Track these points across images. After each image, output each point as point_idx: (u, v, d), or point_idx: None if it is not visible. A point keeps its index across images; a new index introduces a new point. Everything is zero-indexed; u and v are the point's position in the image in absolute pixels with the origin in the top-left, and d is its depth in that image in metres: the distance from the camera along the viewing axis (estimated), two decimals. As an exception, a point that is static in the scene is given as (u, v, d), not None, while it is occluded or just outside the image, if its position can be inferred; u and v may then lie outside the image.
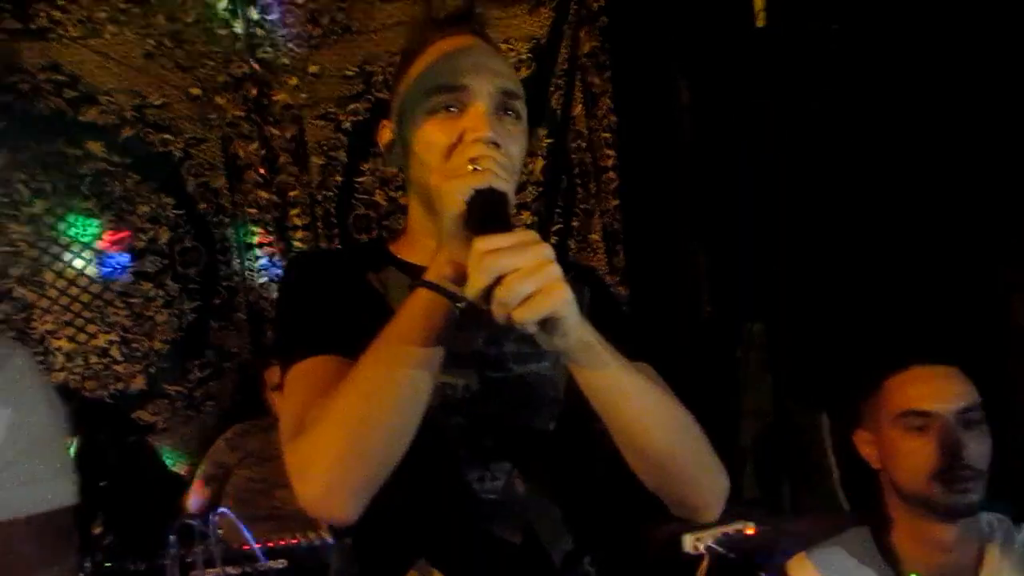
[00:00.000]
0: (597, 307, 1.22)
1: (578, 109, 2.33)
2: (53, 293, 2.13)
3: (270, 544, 1.76)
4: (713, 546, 2.02)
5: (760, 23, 2.18)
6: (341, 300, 1.08)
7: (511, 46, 2.26)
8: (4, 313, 2.09)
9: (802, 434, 2.12)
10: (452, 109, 1.05)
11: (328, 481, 0.92)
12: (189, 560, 1.67)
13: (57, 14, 2.07)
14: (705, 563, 2.04)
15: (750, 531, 2.03)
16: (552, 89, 2.30)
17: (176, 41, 2.13)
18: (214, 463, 2.28)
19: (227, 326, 2.23)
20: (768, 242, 2.11)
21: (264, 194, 2.21)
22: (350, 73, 2.22)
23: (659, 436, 0.99)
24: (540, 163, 2.33)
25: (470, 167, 0.94)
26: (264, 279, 2.25)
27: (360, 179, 2.26)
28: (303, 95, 2.20)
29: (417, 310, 0.94)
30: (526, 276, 0.82)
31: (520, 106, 1.10)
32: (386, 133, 1.17)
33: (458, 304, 0.88)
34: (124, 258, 2.15)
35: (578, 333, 0.91)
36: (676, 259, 2.23)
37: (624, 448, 1.00)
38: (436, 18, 1.16)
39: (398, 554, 1.07)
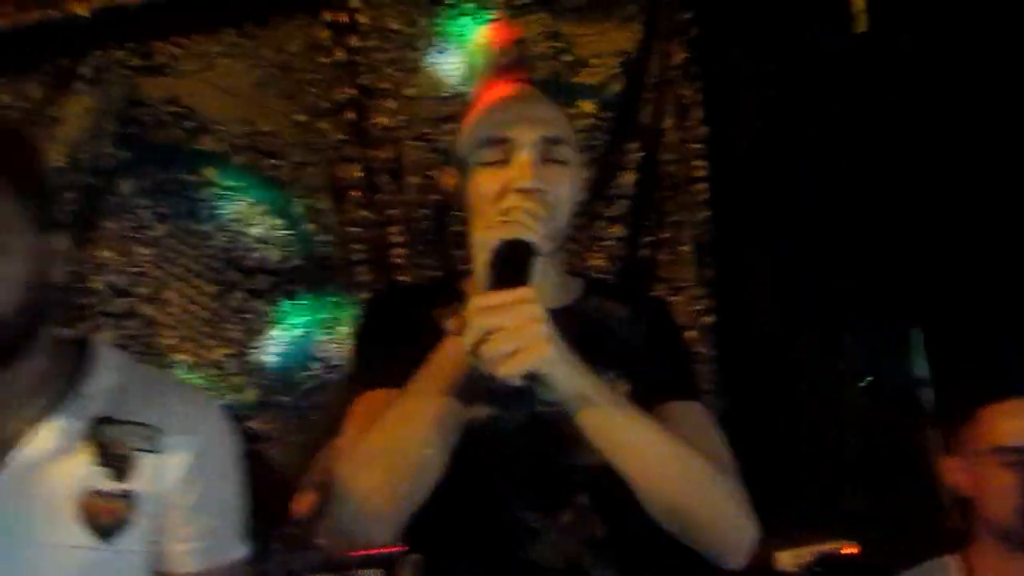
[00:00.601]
0: (652, 342, 1.25)
1: (668, 121, 2.33)
2: (175, 311, 2.29)
3: (366, 553, 1.84)
4: (811, 565, 1.99)
5: (861, 28, 2.13)
6: (407, 337, 1.16)
7: (601, 61, 2.29)
8: (132, 329, 2.26)
9: (908, 448, 2.06)
10: (498, 161, 1.11)
11: (364, 507, 0.99)
12: (290, 567, 1.77)
13: (175, 50, 2.22)
14: (801, 584, 2.01)
15: (850, 550, 1.99)
16: (642, 102, 2.31)
17: (282, 71, 2.25)
18: (323, 471, 2.40)
19: (333, 340, 2.34)
20: (873, 251, 2.06)
21: (364, 214, 2.31)
22: (445, 95, 2.30)
23: (665, 487, 1.01)
24: (631, 176, 2.34)
25: (501, 219, 1.00)
26: (366, 295, 2.34)
27: (455, 196, 2.33)
28: (401, 117, 2.29)
29: (444, 355, 1.02)
30: (509, 335, 0.88)
31: (565, 150, 1.15)
32: (449, 178, 1.25)
33: None
34: (237, 276, 2.29)
35: (567, 387, 0.96)
36: (772, 270, 2.20)
37: (637, 495, 1.02)
38: (490, 68, 1.23)
39: (455, 573, 1.14)
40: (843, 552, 1.98)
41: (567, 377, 0.95)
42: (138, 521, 0.99)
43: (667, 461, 1.01)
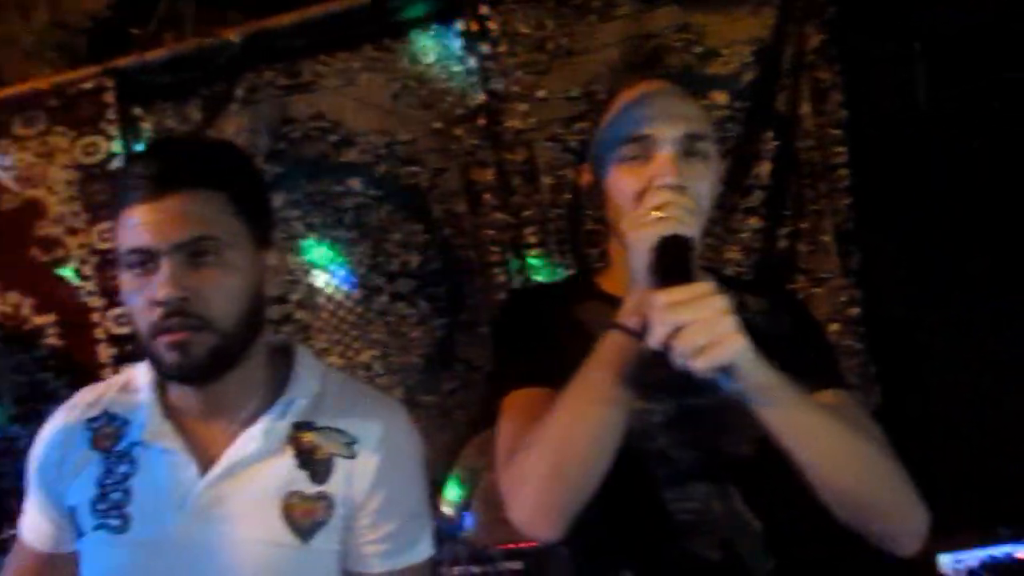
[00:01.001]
0: (795, 335, 1.23)
1: (805, 107, 2.26)
2: (324, 315, 2.41)
3: (511, 546, 1.88)
4: (976, 569, 1.89)
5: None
6: (548, 334, 1.18)
7: (733, 50, 2.24)
8: (287, 334, 2.40)
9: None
10: (639, 158, 1.12)
11: (535, 503, 1.03)
12: (438, 558, 1.83)
13: (320, 68, 2.34)
14: (968, 586, 1.91)
15: (1021, 555, 1.88)
16: (777, 89, 2.25)
17: (419, 81, 2.33)
18: (464, 468, 2.47)
19: (473, 340, 2.40)
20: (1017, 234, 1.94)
21: (500, 216, 2.36)
22: (575, 94, 2.31)
23: (845, 474, 0.99)
24: (767, 166, 2.29)
25: (655, 215, 1.00)
26: (503, 295, 2.39)
27: (588, 195, 2.34)
28: (532, 119, 2.32)
29: (610, 350, 1.03)
30: (702, 328, 0.89)
31: (706, 146, 1.15)
32: (585, 176, 1.26)
33: (644, 345, 0.94)
34: (381, 281, 2.39)
35: (755, 377, 0.95)
36: (918, 258, 2.10)
37: (811, 484, 1.00)
38: (627, 65, 1.24)
39: (606, 564, 1.15)
40: (1014, 556, 1.87)
41: (755, 368, 0.95)
42: (333, 522, 1.05)
43: (847, 449, 1.00)
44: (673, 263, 0.95)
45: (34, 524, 1.18)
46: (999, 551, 1.85)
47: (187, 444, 1.08)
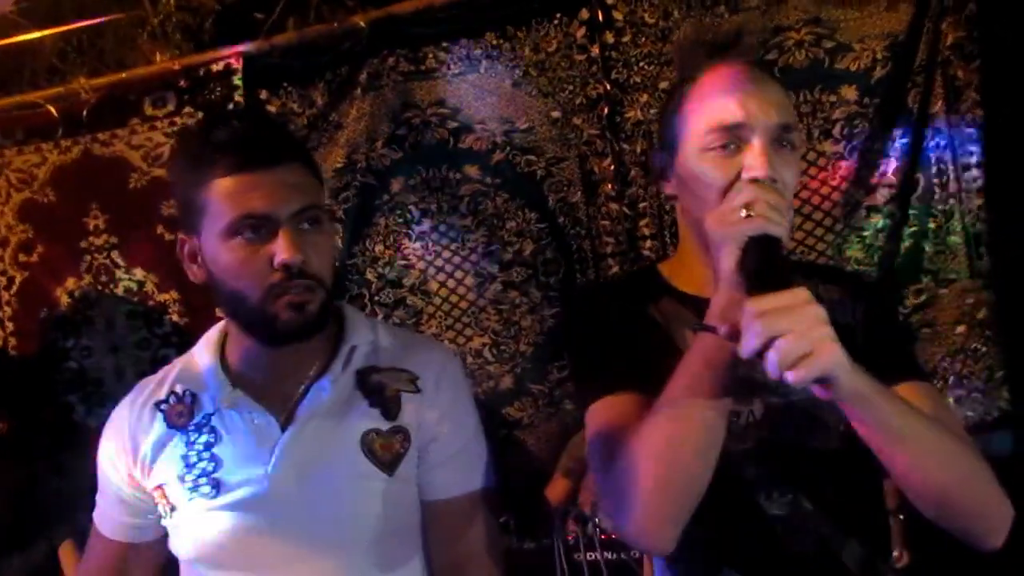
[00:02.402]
0: (872, 324, 1.19)
1: (938, 105, 2.21)
2: (437, 301, 2.43)
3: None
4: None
5: None
6: (627, 336, 1.15)
7: (865, 45, 2.20)
8: (399, 318, 2.43)
9: None
10: (729, 147, 1.07)
11: (644, 516, 1.01)
12: (572, 542, 1.84)
13: (442, 55, 2.36)
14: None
15: None
16: (909, 87, 2.20)
17: (539, 69, 2.33)
18: (572, 457, 2.48)
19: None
20: None
21: (616, 207, 2.35)
22: (698, 86, 2.29)
23: (934, 475, 0.97)
24: (894, 164, 2.24)
25: (743, 213, 0.95)
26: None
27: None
28: (653, 111, 2.31)
29: (702, 354, 0.99)
30: (799, 339, 0.85)
31: (796, 137, 1.11)
32: (658, 162, 1.21)
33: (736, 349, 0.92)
34: (495, 268, 2.40)
35: (850, 386, 0.91)
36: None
37: (902, 485, 0.97)
38: (705, 45, 1.17)
39: (707, 563, 1.14)
40: None
41: (851, 379, 0.92)
42: (411, 452, 1.10)
43: (938, 452, 0.98)
44: (764, 265, 0.91)
45: (111, 516, 1.22)
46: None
47: (263, 405, 1.12)
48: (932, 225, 2.24)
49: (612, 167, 2.34)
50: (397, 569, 1.13)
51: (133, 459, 1.18)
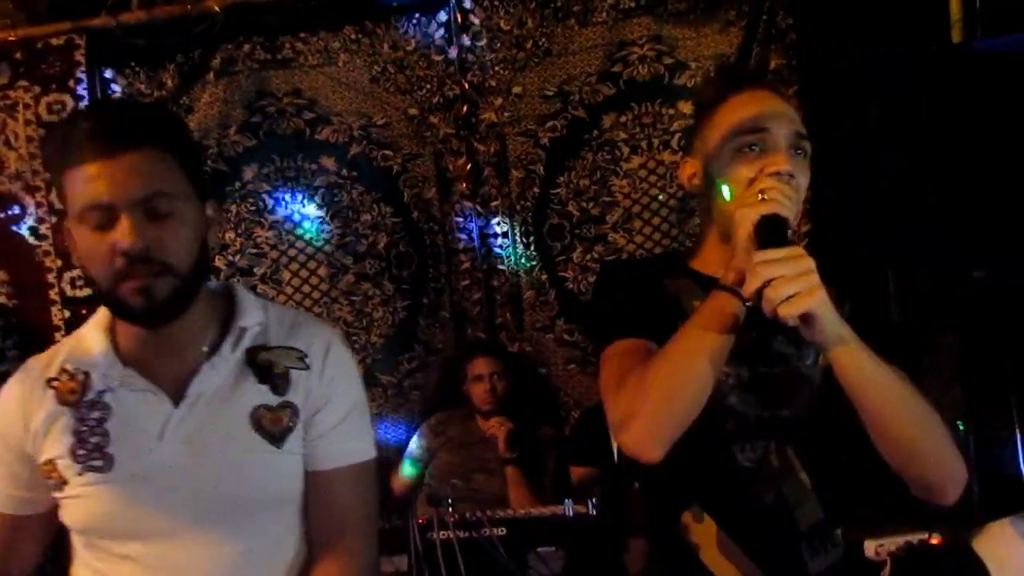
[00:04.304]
0: (857, 322, 1.37)
1: (762, 123, 2.42)
2: (289, 290, 2.43)
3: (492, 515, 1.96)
4: (896, 554, 2.07)
5: (957, 37, 2.20)
6: (644, 297, 1.31)
7: (699, 64, 2.38)
8: (249, 307, 2.40)
9: (995, 445, 2.13)
10: (755, 148, 1.26)
11: (646, 430, 1.17)
12: (423, 523, 1.90)
13: (299, 45, 2.36)
14: (888, 570, 2.09)
15: (935, 541, 2.07)
16: (739, 105, 2.39)
17: (398, 67, 2.38)
18: (420, 447, 2.53)
19: (433, 323, 2.47)
20: (962, 255, 2.13)
21: (468, 204, 2.42)
22: (549, 93, 2.40)
23: (905, 422, 1.16)
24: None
25: (760, 196, 1.13)
26: (467, 282, 2.46)
27: (555, 191, 2.44)
28: (507, 114, 2.40)
29: (714, 306, 1.18)
30: (790, 280, 1.04)
31: (807, 145, 1.30)
32: (688, 168, 1.38)
33: (746, 303, 1.09)
34: (348, 260, 2.42)
35: (833, 329, 1.09)
36: (863, 272, 2.28)
37: (873, 430, 1.16)
38: (736, 75, 1.39)
39: (676, 499, 1.30)
40: (928, 542, 2.06)
41: (832, 321, 1.09)
42: (299, 427, 1.15)
43: (906, 400, 1.15)
44: (770, 234, 1.09)
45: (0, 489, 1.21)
46: (916, 538, 2.03)
47: (154, 383, 1.15)
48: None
49: (467, 166, 2.41)
50: (283, 537, 1.18)
51: (24, 433, 1.17)
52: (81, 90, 2.27)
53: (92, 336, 1.18)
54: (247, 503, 1.15)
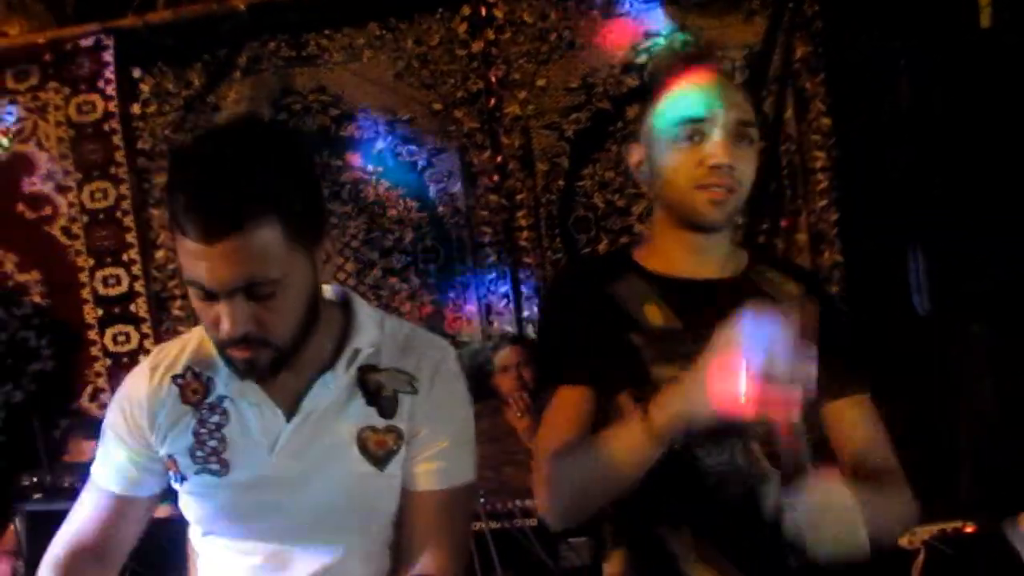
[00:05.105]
0: (827, 328, 1.36)
1: (789, 112, 2.40)
2: (318, 286, 2.44)
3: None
4: (930, 542, 2.06)
5: (985, 23, 2.18)
6: (586, 321, 1.26)
7: (725, 54, 2.36)
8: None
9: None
10: (695, 139, 1.22)
11: (562, 510, 1.21)
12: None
13: (324, 42, 2.37)
14: (921, 558, 2.08)
15: (969, 529, 2.06)
16: (764, 94, 2.38)
17: (422, 62, 2.38)
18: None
19: (460, 317, 2.48)
20: (991, 241, 2.11)
21: (494, 198, 2.43)
22: (573, 85, 2.40)
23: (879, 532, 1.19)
24: (751, 166, 2.42)
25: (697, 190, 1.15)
26: (492, 275, 2.47)
27: (580, 183, 2.43)
28: (531, 107, 2.40)
29: (643, 435, 1.12)
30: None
31: (753, 132, 1.26)
32: (635, 155, 1.34)
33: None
34: (375, 255, 2.43)
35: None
36: (892, 259, 2.26)
37: None
38: (679, 56, 1.33)
39: (649, 511, 1.28)
40: (963, 530, 2.05)
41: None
42: (402, 450, 1.15)
43: (882, 520, 1.15)
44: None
45: (115, 468, 1.23)
46: (950, 526, 2.03)
47: (270, 396, 1.15)
48: (783, 223, 2.43)
49: (492, 160, 2.41)
50: (374, 551, 1.19)
51: (150, 425, 1.20)
52: (111, 90, 2.30)
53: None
54: (345, 518, 1.17)
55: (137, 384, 1.23)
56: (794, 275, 1.41)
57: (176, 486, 1.20)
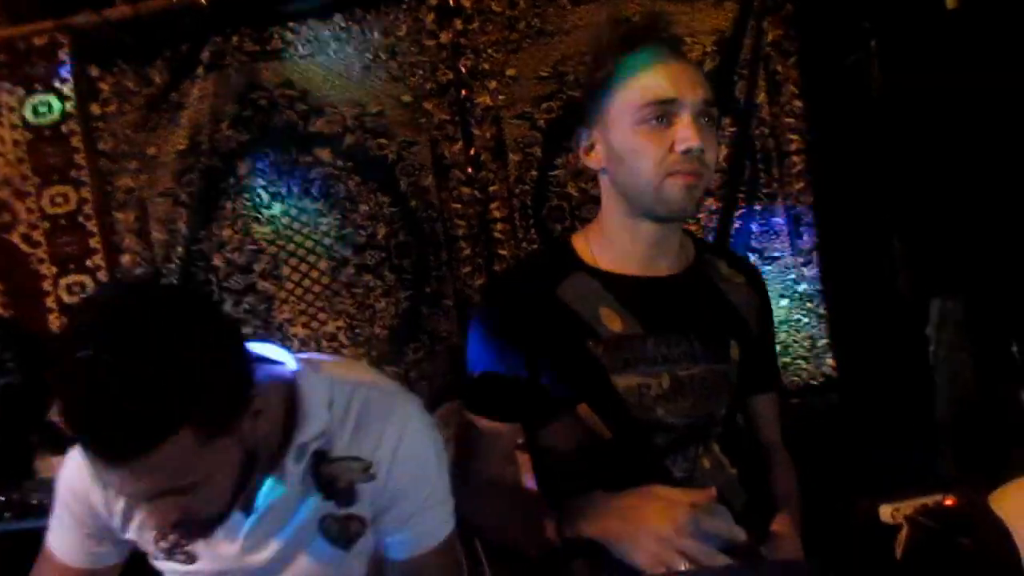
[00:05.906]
0: (763, 318, 1.37)
1: (761, 96, 2.39)
2: (290, 286, 2.39)
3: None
4: (912, 516, 2.07)
5: (951, 5, 2.18)
6: (524, 331, 1.22)
7: (696, 40, 2.35)
8: (250, 304, 2.37)
9: (1005, 411, 2.13)
10: (663, 120, 1.16)
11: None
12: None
13: (289, 35, 2.31)
14: (904, 532, 2.09)
15: (950, 502, 2.07)
16: (736, 79, 2.37)
17: (390, 54, 2.34)
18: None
19: (437, 312, 2.44)
20: (964, 219, 2.13)
21: (467, 190, 2.39)
22: (544, 74, 2.37)
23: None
24: (725, 151, 2.41)
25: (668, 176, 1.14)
26: (468, 268, 2.43)
27: (554, 173, 2.41)
28: (502, 97, 2.37)
29: (554, 534, 1.16)
30: None
31: (715, 111, 1.22)
32: (585, 140, 1.27)
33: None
34: (348, 252, 2.39)
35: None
36: (868, 239, 2.27)
37: None
38: (634, 35, 1.24)
39: None
40: (944, 504, 2.06)
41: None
42: (366, 532, 1.12)
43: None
44: None
45: (73, 543, 1.16)
46: (931, 500, 2.04)
47: None
48: (758, 207, 2.43)
49: (463, 151, 2.38)
50: None
51: (108, 514, 1.14)
52: (68, 90, 2.23)
53: None
54: None
55: (81, 476, 1.14)
56: (739, 267, 1.39)
57: (149, 557, 1.19)
